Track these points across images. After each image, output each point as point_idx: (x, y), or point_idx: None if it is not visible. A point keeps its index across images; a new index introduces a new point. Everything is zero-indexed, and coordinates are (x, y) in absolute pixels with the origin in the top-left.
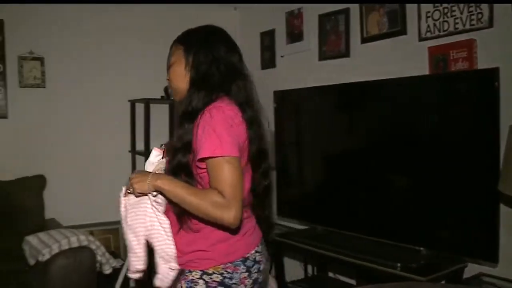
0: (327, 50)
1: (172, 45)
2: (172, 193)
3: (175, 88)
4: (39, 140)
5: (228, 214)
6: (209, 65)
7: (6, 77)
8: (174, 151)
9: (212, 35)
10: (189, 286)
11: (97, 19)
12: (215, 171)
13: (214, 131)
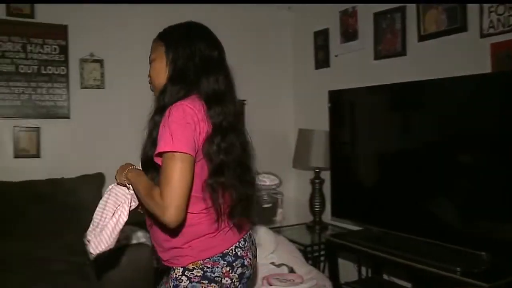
0: (383, 49)
1: (153, 41)
2: (135, 188)
3: (155, 85)
4: (99, 139)
5: (163, 215)
6: (186, 60)
7: (69, 79)
8: (144, 145)
9: (191, 31)
10: (175, 284)
11: (155, 21)
12: (163, 168)
13: (169, 127)
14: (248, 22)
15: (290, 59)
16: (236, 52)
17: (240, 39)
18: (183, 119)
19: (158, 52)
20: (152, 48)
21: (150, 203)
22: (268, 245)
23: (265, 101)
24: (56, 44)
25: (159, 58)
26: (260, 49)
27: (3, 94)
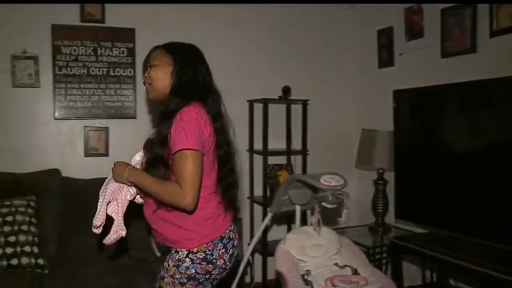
0: (450, 46)
1: (156, 49)
2: (141, 185)
3: (154, 87)
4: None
5: (183, 201)
6: (189, 78)
7: (135, 80)
8: (151, 144)
9: (196, 54)
10: (177, 264)
11: (217, 23)
12: (179, 162)
13: (184, 129)
14: (310, 22)
15: (353, 59)
16: (298, 52)
17: (302, 39)
18: (193, 122)
19: (162, 61)
20: (156, 54)
21: (166, 193)
22: (331, 246)
23: (328, 101)
24: (124, 47)
25: (163, 67)
26: (322, 49)
27: (75, 96)
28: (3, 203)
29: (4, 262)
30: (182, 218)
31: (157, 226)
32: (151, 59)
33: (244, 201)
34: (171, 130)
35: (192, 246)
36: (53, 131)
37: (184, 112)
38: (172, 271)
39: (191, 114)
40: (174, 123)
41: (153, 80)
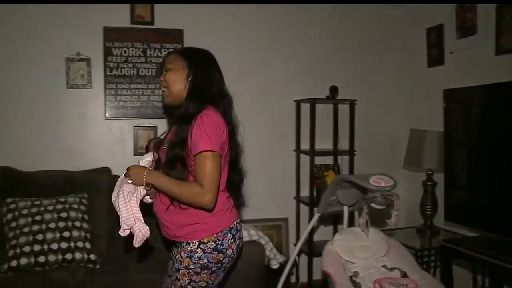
0: (506, 43)
1: (171, 53)
2: (160, 187)
3: (170, 91)
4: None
5: (204, 200)
6: (204, 82)
7: None
8: (171, 145)
9: (210, 59)
10: (189, 255)
11: (266, 22)
12: (201, 163)
13: (206, 131)
14: (358, 21)
15: (401, 58)
16: (346, 52)
17: (350, 38)
18: (214, 125)
19: (177, 65)
20: (171, 59)
21: (187, 193)
22: (379, 247)
23: (375, 101)
24: (172, 47)
25: (178, 70)
26: (370, 49)
27: (125, 96)
28: (57, 199)
29: (59, 256)
30: (194, 213)
31: (169, 222)
32: (166, 63)
33: (290, 201)
34: (193, 132)
35: (203, 237)
36: (104, 131)
37: (205, 116)
38: (186, 262)
39: (211, 118)
40: (195, 125)
41: (169, 83)
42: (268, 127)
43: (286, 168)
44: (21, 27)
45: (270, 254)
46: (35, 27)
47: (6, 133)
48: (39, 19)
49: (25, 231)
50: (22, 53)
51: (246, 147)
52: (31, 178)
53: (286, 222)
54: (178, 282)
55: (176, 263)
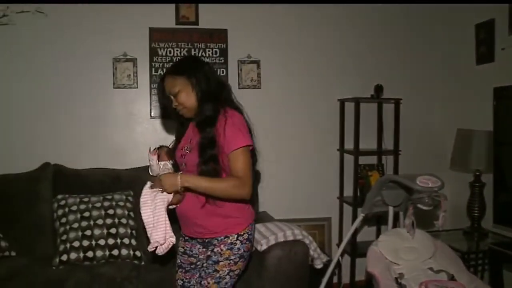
0: None
1: (166, 78)
2: (199, 187)
3: (188, 108)
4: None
5: (244, 191)
6: (206, 82)
7: (228, 79)
8: (202, 147)
9: (196, 61)
10: (230, 247)
11: (307, 22)
12: (239, 157)
13: (239, 129)
14: (402, 19)
15: (447, 56)
16: (390, 50)
17: (394, 36)
18: (243, 122)
19: (181, 84)
20: (171, 83)
21: (227, 188)
22: (425, 249)
23: (421, 99)
24: (217, 47)
25: (184, 88)
26: (415, 46)
27: None
28: (105, 197)
29: (106, 252)
30: (229, 209)
31: (204, 220)
32: (170, 89)
33: (333, 201)
34: (227, 130)
35: (240, 230)
36: (149, 130)
37: (229, 115)
38: (227, 254)
39: (237, 116)
40: (227, 125)
41: (184, 103)
42: (312, 126)
43: (329, 167)
44: (69, 29)
45: (314, 253)
46: (83, 29)
47: (57, 132)
48: (87, 20)
49: (74, 226)
50: (71, 54)
51: (290, 146)
52: (80, 176)
53: (329, 222)
54: (217, 273)
55: (214, 256)
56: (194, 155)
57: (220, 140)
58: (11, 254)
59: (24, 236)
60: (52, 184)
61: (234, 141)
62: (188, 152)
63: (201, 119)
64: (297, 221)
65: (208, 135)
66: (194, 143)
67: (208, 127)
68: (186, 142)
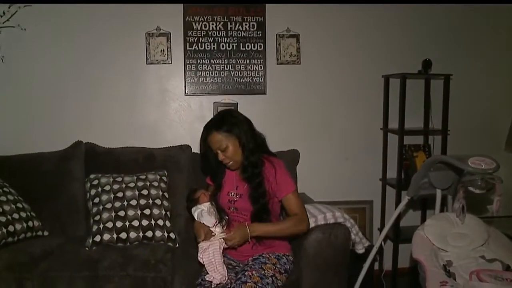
0: None
1: (213, 135)
2: (267, 234)
3: (235, 161)
4: (294, 115)
5: (304, 226)
6: (249, 138)
7: (265, 55)
8: (255, 197)
9: (238, 117)
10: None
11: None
12: (294, 199)
13: (288, 175)
14: None
15: (504, 28)
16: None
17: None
18: (285, 168)
19: (228, 140)
20: (218, 139)
21: (293, 226)
22: (477, 236)
23: (473, 76)
24: (254, 21)
25: (232, 144)
26: (467, 18)
27: (205, 72)
28: (138, 176)
29: (140, 233)
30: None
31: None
32: (216, 144)
33: (376, 183)
34: (278, 177)
35: (287, 251)
36: (184, 107)
37: (276, 164)
38: (273, 261)
39: (282, 163)
40: (278, 172)
41: (232, 157)
42: (354, 104)
43: (372, 147)
44: (100, 4)
45: (356, 237)
46: (114, 3)
47: (90, 111)
48: None
49: (107, 207)
50: (103, 30)
51: (331, 125)
52: (112, 155)
53: (371, 205)
54: (262, 270)
55: (262, 259)
56: (245, 203)
57: (272, 187)
58: (44, 233)
59: (56, 216)
60: (84, 163)
61: (286, 187)
62: (237, 199)
63: (249, 173)
64: (337, 203)
65: (259, 187)
66: (243, 191)
67: (257, 178)
68: (231, 188)
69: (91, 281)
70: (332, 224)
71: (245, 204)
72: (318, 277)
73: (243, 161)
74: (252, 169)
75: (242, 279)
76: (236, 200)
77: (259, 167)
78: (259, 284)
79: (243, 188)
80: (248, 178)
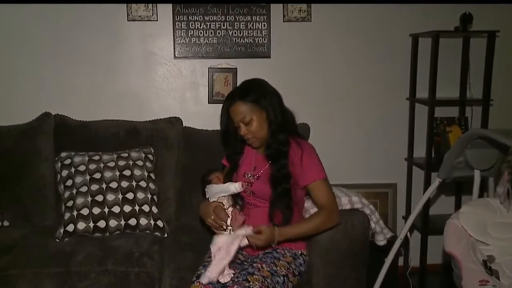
0: None
1: (238, 104)
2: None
3: (258, 138)
4: (303, 83)
5: (335, 220)
6: (277, 113)
7: (270, 11)
8: (276, 180)
9: (266, 87)
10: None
11: None
12: (324, 187)
13: (317, 160)
14: None
15: None
16: None
17: None
18: (315, 153)
19: (254, 113)
20: (243, 110)
21: (323, 223)
22: None
23: None
24: None
25: (257, 117)
26: None
27: (198, 31)
28: (119, 155)
29: (121, 221)
30: None
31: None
32: (239, 116)
33: (400, 163)
34: (304, 163)
35: (303, 248)
36: (173, 73)
37: (305, 146)
38: (289, 260)
39: (311, 146)
40: (303, 156)
41: (255, 133)
42: (375, 69)
43: (396, 121)
44: None
45: (376, 227)
46: None
47: (59, 76)
48: None
49: (82, 190)
50: None
51: (347, 94)
52: (88, 129)
53: (394, 189)
54: (274, 266)
55: (276, 254)
56: (264, 186)
57: (296, 171)
58: (3, 224)
59: (20, 203)
60: (53, 139)
61: (313, 172)
62: (254, 180)
63: (273, 151)
64: (354, 187)
65: (283, 168)
66: (262, 173)
67: (283, 159)
68: (248, 168)
69: (62, 279)
70: (348, 210)
71: (264, 188)
72: (332, 273)
73: (268, 138)
74: (278, 145)
75: (249, 270)
76: (253, 182)
77: (286, 146)
78: (268, 279)
79: (263, 169)
80: (272, 156)
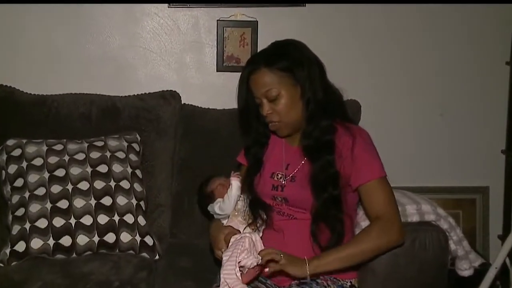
0: None
1: (260, 71)
2: (338, 265)
3: (286, 122)
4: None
5: (394, 235)
6: (319, 91)
7: None
8: (319, 183)
9: (305, 52)
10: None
11: None
12: (373, 191)
13: (374, 152)
14: None
15: None
16: None
17: None
18: (372, 143)
19: (283, 86)
20: (266, 82)
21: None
22: None
23: None
24: None
25: (288, 92)
26: None
27: None
28: (91, 143)
29: (94, 237)
30: None
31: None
32: (263, 89)
33: (494, 158)
34: (356, 156)
35: (354, 277)
36: (167, 27)
37: (357, 133)
38: None
39: (366, 134)
40: (355, 148)
41: (282, 115)
42: (458, 23)
43: (489, 95)
44: None
45: (458, 249)
46: None
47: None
48: None
49: (38, 193)
50: None
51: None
52: (46, 107)
53: (486, 194)
54: None
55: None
56: (303, 191)
57: (345, 168)
58: None
59: None
60: None
61: (369, 169)
62: (286, 183)
63: (313, 141)
64: (426, 190)
65: (328, 166)
66: (299, 173)
67: (327, 154)
68: (277, 167)
69: None
70: (416, 224)
71: (302, 193)
72: None
73: (303, 124)
74: (320, 134)
75: None
76: (285, 185)
77: (329, 136)
78: None
79: (299, 168)
80: (312, 150)
